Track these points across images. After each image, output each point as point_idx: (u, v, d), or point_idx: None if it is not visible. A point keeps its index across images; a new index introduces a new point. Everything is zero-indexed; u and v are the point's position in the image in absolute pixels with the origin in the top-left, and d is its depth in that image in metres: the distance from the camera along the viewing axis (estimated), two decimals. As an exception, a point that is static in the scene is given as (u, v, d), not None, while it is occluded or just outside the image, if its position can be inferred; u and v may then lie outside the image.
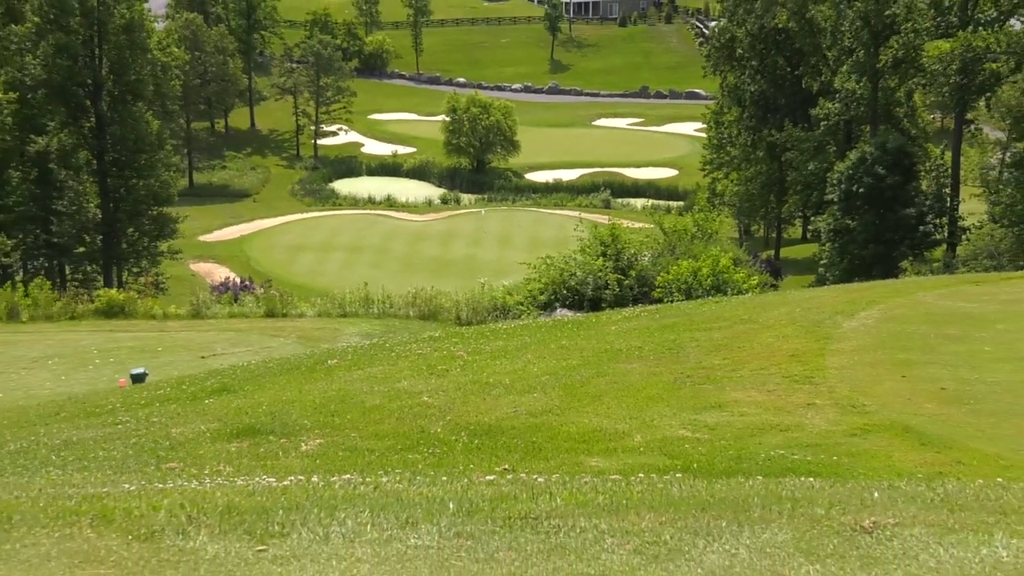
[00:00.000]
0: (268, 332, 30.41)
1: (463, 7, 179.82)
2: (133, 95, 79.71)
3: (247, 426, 11.96)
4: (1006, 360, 13.21)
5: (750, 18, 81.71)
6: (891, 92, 71.29)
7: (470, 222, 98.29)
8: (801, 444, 10.54)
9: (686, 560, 5.32)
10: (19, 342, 27.67)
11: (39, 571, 5.27)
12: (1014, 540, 5.44)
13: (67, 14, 77.59)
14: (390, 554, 5.42)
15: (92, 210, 77.99)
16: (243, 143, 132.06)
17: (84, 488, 7.02)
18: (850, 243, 65.28)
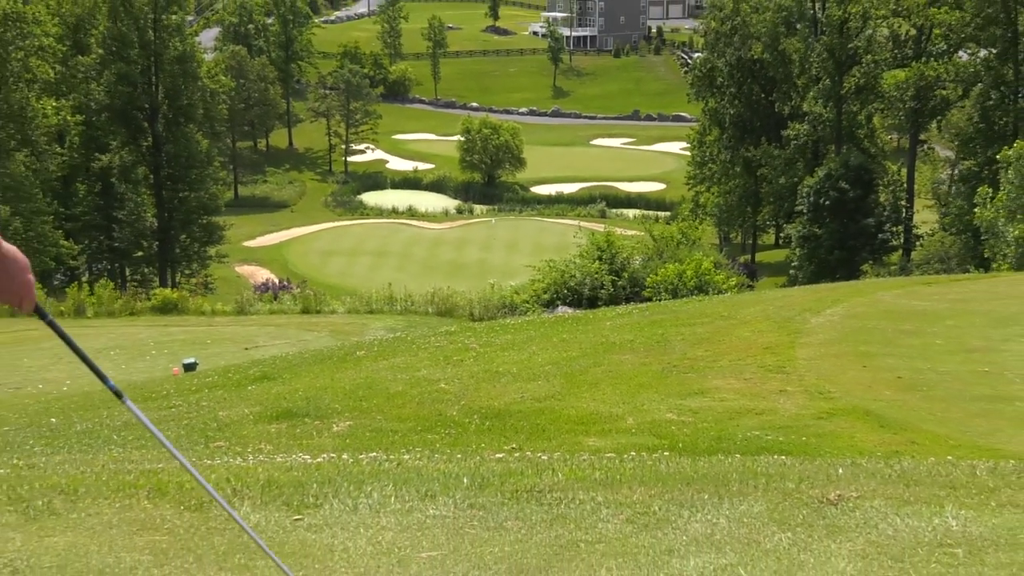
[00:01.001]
0: (304, 327, 30.40)
1: (476, 40, 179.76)
2: (185, 118, 79.82)
3: (285, 410, 11.95)
4: (955, 352, 13.19)
5: (729, 50, 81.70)
6: (853, 115, 71.30)
7: (482, 230, 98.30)
8: (774, 426, 10.52)
9: (673, 528, 5.32)
10: (85, 335, 27.67)
11: (102, 537, 5.26)
12: (962, 511, 5.44)
13: (127, 47, 77.72)
14: (411, 523, 5.42)
15: (149, 219, 78.03)
16: (282, 160, 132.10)
17: (142, 464, 7.02)
18: (817, 248, 65.32)
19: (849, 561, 4.91)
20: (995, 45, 61.64)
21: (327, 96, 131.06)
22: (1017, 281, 20.50)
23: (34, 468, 7.23)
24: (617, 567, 4.87)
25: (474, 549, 5.09)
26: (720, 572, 4.81)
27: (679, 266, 35.33)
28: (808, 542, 5.13)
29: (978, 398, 11.36)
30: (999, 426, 10.43)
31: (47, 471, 6.84)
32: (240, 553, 4.99)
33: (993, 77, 61.56)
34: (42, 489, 5.92)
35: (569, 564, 4.92)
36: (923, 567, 4.83)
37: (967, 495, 5.70)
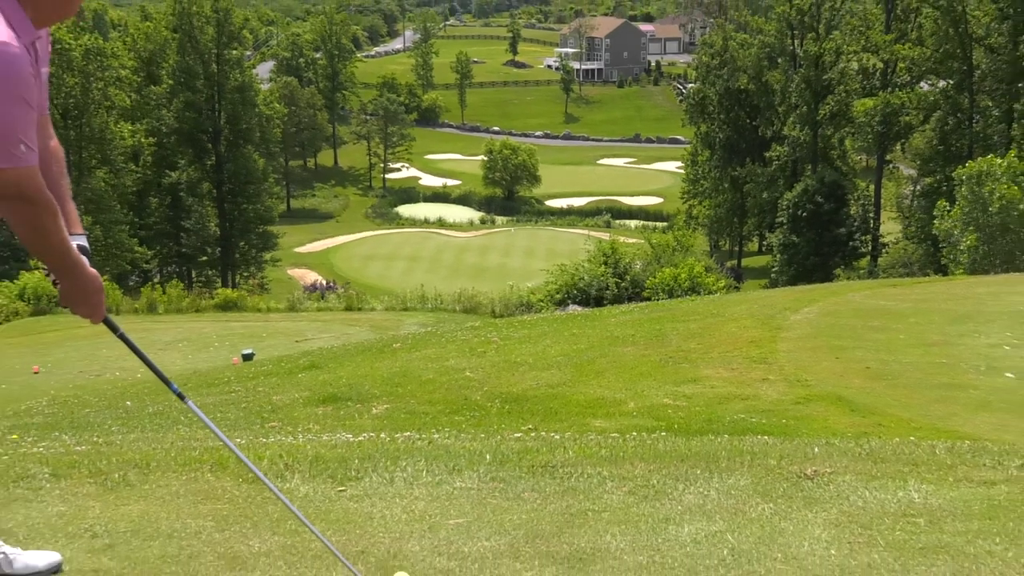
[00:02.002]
0: (347, 322, 30.45)
1: (498, 73, 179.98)
2: (244, 140, 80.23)
3: (330, 394, 11.97)
4: (916, 346, 13.16)
5: (718, 81, 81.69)
6: (827, 138, 71.22)
7: (502, 238, 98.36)
8: (758, 410, 10.51)
9: (669, 499, 5.31)
10: (156, 329, 27.78)
11: (170, 505, 5.28)
12: (923, 485, 5.43)
13: (194, 78, 78.20)
14: (440, 494, 5.42)
15: (212, 228, 78.44)
16: (328, 177, 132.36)
17: (205, 442, 7.03)
18: (796, 255, 65.23)
19: (824, 529, 4.91)
20: (952, 77, 61.57)
21: (368, 121, 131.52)
22: (971, 284, 20.43)
23: (111, 445, 7.25)
24: (620, 533, 4.87)
25: (495, 517, 5.10)
26: (711, 538, 4.81)
27: (675, 270, 35.31)
28: (788, 512, 5.13)
29: (937, 386, 11.34)
30: (955, 411, 10.41)
31: (123, 447, 6.85)
32: (291, 520, 5.01)
33: (951, 105, 61.49)
34: (118, 463, 5.94)
35: (579, 530, 4.92)
36: (889, 534, 4.83)
37: (927, 471, 5.68)
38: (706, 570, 4.49)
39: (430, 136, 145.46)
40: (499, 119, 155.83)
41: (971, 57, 60.41)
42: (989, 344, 13.13)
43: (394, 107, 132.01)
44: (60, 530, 4.93)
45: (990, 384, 11.32)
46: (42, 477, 5.67)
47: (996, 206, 39.23)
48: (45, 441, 8.05)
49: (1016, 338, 13.37)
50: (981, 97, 60.70)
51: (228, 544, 4.78)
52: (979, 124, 60.42)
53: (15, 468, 5.73)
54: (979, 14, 60.02)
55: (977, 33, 60.11)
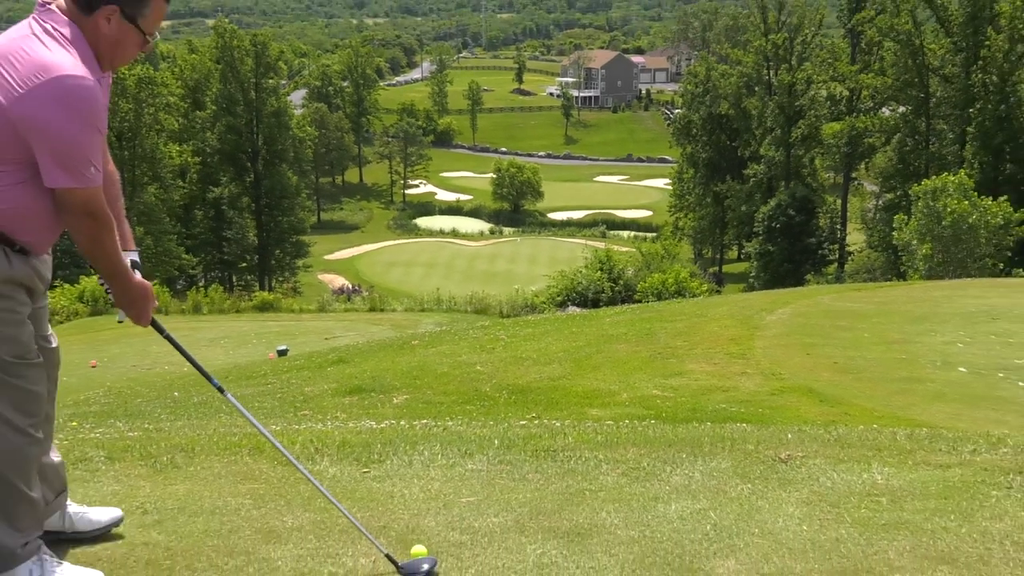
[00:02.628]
0: (371, 322, 30.46)
1: (505, 99, 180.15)
2: (279, 159, 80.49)
3: (356, 386, 11.96)
4: (878, 343, 13.15)
5: (702, 107, 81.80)
6: (799, 158, 71.23)
7: (509, 247, 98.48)
8: (737, 400, 10.49)
9: (658, 480, 5.30)
10: (200, 328, 27.81)
11: (213, 485, 5.27)
12: (885, 468, 5.42)
13: (234, 104, 78.44)
14: (454, 475, 5.42)
15: (251, 238, 78.63)
16: (354, 192, 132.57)
17: (244, 428, 7.02)
18: (770, 262, 65.31)
19: (796, 507, 4.90)
20: (911, 103, 61.65)
21: (389, 143, 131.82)
22: (927, 288, 20.41)
23: (160, 431, 7.26)
24: (615, 511, 4.87)
25: (503, 496, 5.09)
26: (695, 515, 4.81)
27: (663, 275, 35.33)
28: (764, 491, 5.12)
29: (897, 379, 11.33)
30: (914, 401, 10.41)
31: (170, 433, 6.86)
32: (320, 498, 5.00)
33: (909, 128, 61.56)
34: (166, 447, 5.94)
35: (577, 508, 4.92)
36: (855, 512, 4.82)
37: (889, 455, 5.68)
38: (691, 544, 4.48)
39: (445, 156, 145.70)
40: (506, 141, 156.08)
41: (927, 85, 60.48)
42: (944, 342, 13.11)
43: (413, 130, 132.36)
44: (114, 507, 4.93)
45: (945, 378, 11.32)
46: (98, 460, 5.68)
47: (949, 219, 39.29)
48: (101, 428, 8.06)
49: (968, 336, 13.36)
50: (936, 121, 60.74)
51: (264, 520, 4.78)
52: (935, 145, 60.45)
53: (74, 452, 5.74)
54: (935, 47, 60.09)
55: (933, 64, 60.17)
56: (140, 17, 3.74)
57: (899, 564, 4.29)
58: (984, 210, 39.48)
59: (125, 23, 3.72)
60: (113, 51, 3.77)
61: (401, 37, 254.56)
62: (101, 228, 3.77)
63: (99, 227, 3.76)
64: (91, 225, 3.74)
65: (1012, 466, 5.43)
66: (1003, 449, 5.79)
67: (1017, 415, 9.68)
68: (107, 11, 3.68)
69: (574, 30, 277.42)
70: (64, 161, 3.57)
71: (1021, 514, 4.80)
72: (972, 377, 11.30)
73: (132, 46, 3.80)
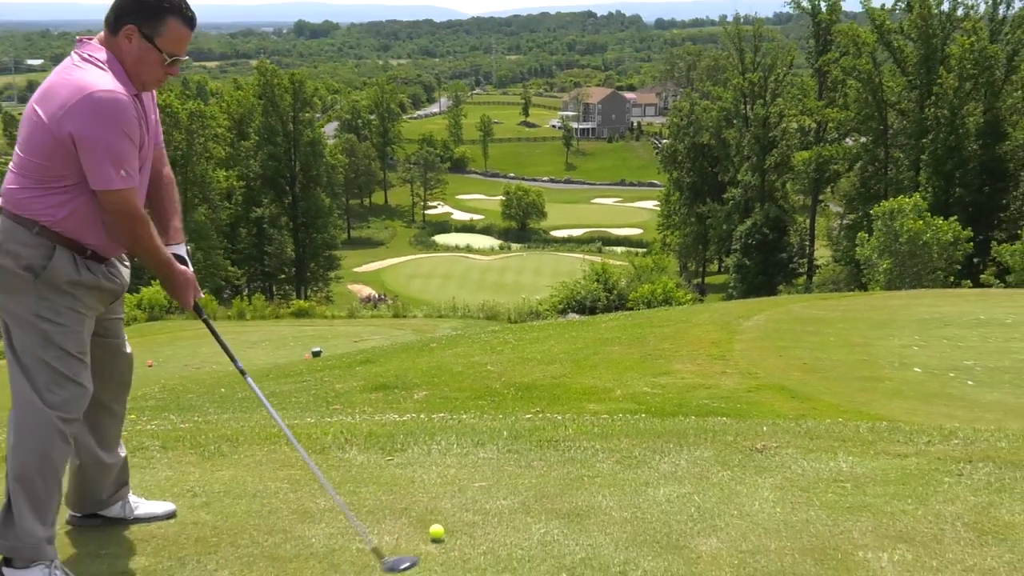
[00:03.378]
0: (394, 326, 30.47)
1: (513, 131, 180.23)
2: (314, 183, 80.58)
3: (381, 383, 11.95)
4: (843, 346, 13.11)
5: (686, 138, 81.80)
6: (772, 183, 71.18)
7: (517, 261, 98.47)
8: (718, 397, 10.46)
9: (648, 467, 5.29)
10: (244, 332, 27.85)
11: (255, 471, 5.28)
12: (850, 457, 5.42)
13: (275, 135, 78.65)
14: (467, 462, 5.41)
15: (289, 252, 78.69)
16: (380, 212, 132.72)
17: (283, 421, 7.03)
18: (747, 274, 65.22)
19: (771, 491, 4.89)
20: (871, 134, 61.62)
21: (411, 169, 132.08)
22: (886, 297, 20.36)
23: (208, 423, 7.26)
24: (610, 494, 4.87)
25: (511, 481, 5.09)
26: (681, 498, 4.80)
27: (652, 286, 35.32)
28: (742, 477, 5.11)
29: (859, 378, 11.29)
30: (874, 398, 10.37)
31: (218, 425, 6.86)
32: (350, 483, 5.00)
33: (870, 156, 61.54)
34: (214, 437, 5.95)
35: (576, 492, 4.91)
36: (823, 495, 4.81)
37: (853, 446, 5.66)
38: (678, 524, 4.48)
39: (460, 181, 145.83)
40: (514, 167, 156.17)
41: (886, 118, 60.48)
42: (901, 345, 13.07)
43: (431, 158, 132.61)
44: (167, 491, 4.94)
45: (902, 377, 11.28)
46: (154, 449, 5.69)
47: (905, 237, 39.35)
48: (156, 420, 8.07)
49: (922, 340, 13.32)
50: (894, 150, 60.71)
51: (300, 502, 4.78)
52: (892, 171, 60.39)
53: (132, 441, 5.74)
54: (892, 84, 60.14)
55: (890, 100, 60.19)
56: (157, 36, 3.75)
57: (862, 543, 4.28)
58: (936, 229, 39.57)
59: (144, 42, 3.75)
60: (137, 69, 3.78)
61: (421, 76, 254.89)
62: (137, 224, 3.83)
63: (134, 223, 3.82)
64: (128, 223, 3.80)
65: (962, 456, 5.42)
66: (954, 440, 5.78)
67: (966, 410, 9.65)
68: (127, 30, 3.74)
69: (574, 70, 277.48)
70: (102, 164, 3.64)
71: (971, 498, 4.78)
72: (926, 376, 11.27)
73: (153, 64, 3.80)
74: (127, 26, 3.73)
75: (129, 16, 3.74)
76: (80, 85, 3.60)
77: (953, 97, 55.49)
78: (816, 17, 68.47)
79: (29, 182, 3.72)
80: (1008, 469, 5.18)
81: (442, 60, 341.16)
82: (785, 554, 4.17)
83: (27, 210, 3.72)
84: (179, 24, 3.78)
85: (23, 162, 3.74)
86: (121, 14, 3.74)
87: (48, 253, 3.74)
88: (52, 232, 3.74)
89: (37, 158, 3.69)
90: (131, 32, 3.73)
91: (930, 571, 4.01)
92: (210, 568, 4.08)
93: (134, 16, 3.73)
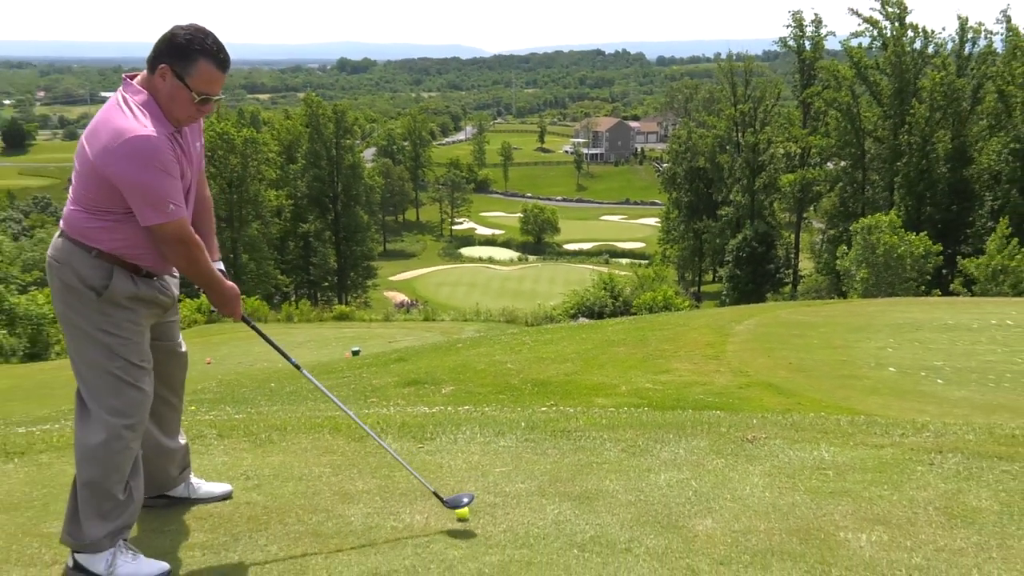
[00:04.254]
0: (424, 328, 30.51)
1: (530, 155, 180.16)
2: (354, 202, 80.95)
3: (413, 379, 11.96)
4: (825, 348, 13.04)
5: (684, 162, 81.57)
6: (761, 202, 70.86)
7: (533, 271, 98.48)
8: (713, 392, 10.42)
9: (651, 455, 5.27)
10: (292, 333, 27.93)
11: (301, 457, 5.29)
12: (831, 447, 5.38)
13: (319, 159, 79.13)
14: (489, 450, 5.40)
15: (331, 263, 78.98)
16: (412, 228, 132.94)
17: (325, 412, 7.04)
18: (738, 284, 64.93)
19: (760, 477, 4.86)
20: (850, 159, 61.48)
21: (440, 189, 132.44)
22: (863, 304, 20.24)
23: (260, 414, 7.28)
24: (616, 479, 4.85)
25: (528, 467, 5.08)
26: (680, 483, 4.78)
27: (653, 293, 35.34)
28: (734, 465, 5.08)
29: (839, 376, 11.23)
30: (852, 394, 10.30)
31: (268, 416, 6.88)
32: (385, 468, 5.00)
33: (848, 179, 61.33)
34: (264, 427, 5.96)
35: (586, 477, 4.89)
36: (807, 481, 4.79)
37: (834, 437, 5.62)
38: (677, 506, 4.46)
39: (483, 200, 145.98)
40: (531, 188, 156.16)
41: (863, 145, 60.28)
42: (877, 347, 13.00)
43: (458, 179, 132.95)
44: (223, 474, 4.96)
45: (878, 376, 11.21)
46: (211, 436, 5.71)
47: (881, 250, 39.25)
48: (214, 411, 8.11)
49: (896, 343, 13.23)
50: (870, 173, 60.50)
51: (340, 484, 4.79)
52: (869, 192, 60.18)
53: (192, 430, 5.76)
54: (869, 114, 59.97)
55: (867, 128, 59.98)
56: (188, 76, 3.66)
57: (843, 524, 4.25)
58: (909, 243, 39.56)
59: (176, 81, 3.66)
60: (170, 106, 3.69)
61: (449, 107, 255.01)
62: (192, 249, 3.77)
63: (189, 249, 3.76)
64: (183, 249, 3.75)
65: (933, 447, 5.38)
66: (925, 433, 5.73)
67: (936, 406, 9.57)
68: (161, 69, 3.66)
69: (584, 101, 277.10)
70: (148, 203, 3.58)
71: (941, 485, 4.75)
72: (899, 375, 11.19)
73: (184, 102, 3.69)
74: (161, 65, 3.67)
75: (163, 56, 3.66)
76: (119, 130, 3.54)
77: (924, 125, 55.44)
78: (801, 54, 68.40)
79: (83, 210, 3.68)
80: (975, 459, 5.13)
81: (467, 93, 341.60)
82: (773, 534, 4.15)
83: (84, 235, 3.69)
84: (210, 66, 3.68)
85: (77, 191, 3.70)
86: (157, 54, 3.67)
87: (108, 274, 3.70)
88: (109, 255, 3.71)
89: (87, 191, 3.65)
90: (165, 71, 3.66)
91: (904, 551, 3.98)
92: (261, 543, 4.10)
93: (167, 56, 3.65)
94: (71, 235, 3.72)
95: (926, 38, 59.11)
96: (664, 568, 3.85)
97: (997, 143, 54.43)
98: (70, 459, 5.23)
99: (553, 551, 3.99)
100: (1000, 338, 13.49)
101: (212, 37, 3.70)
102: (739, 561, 3.90)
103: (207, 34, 3.70)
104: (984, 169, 54.99)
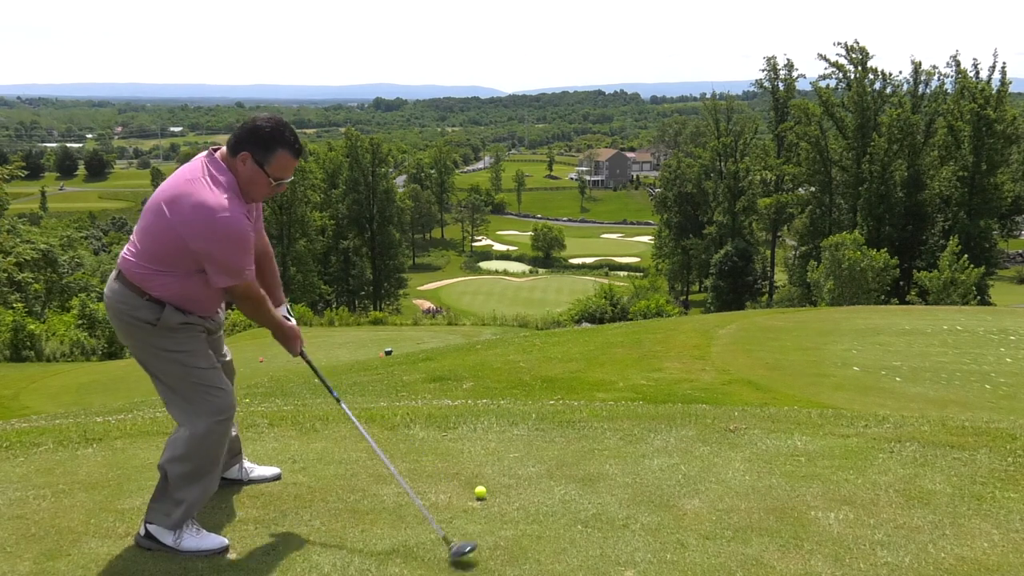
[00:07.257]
0: (448, 332, 30.50)
1: (540, 181, 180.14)
2: (388, 222, 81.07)
3: (438, 376, 11.94)
4: (797, 350, 12.97)
5: (674, 187, 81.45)
6: (741, 222, 70.73)
7: (543, 282, 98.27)
8: (699, 388, 10.37)
9: (645, 443, 5.24)
10: (333, 336, 27.97)
11: (340, 443, 5.31)
12: (804, 437, 5.34)
13: (358, 185, 79.35)
14: (504, 438, 5.39)
15: (368, 275, 79.13)
16: (438, 244, 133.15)
17: (362, 405, 7.04)
18: (721, 293, 64.80)
19: (741, 463, 4.83)
20: (818, 185, 61.38)
21: (462, 211, 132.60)
22: (831, 312, 20.09)
23: (306, 406, 7.29)
24: (615, 464, 4.82)
25: (538, 453, 5.06)
26: (671, 468, 4.75)
27: (647, 302, 35.24)
28: (718, 452, 5.05)
29: (810, 375, 11.15)
30: (822, 391, 10.23)
31: (313, 407, 6.89)
32: (414, 453, 5.00)
33: (817, 202, 61.17)
34: (310, 417, 5.97)
35: (589, 461, 4.87)
36: (782, 466, 4.75)
37: (806, 428, 5.58)
38: (668, 488, 4.43)
39: (499, 220, 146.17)
40: (541, 210, 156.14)
41: (830, 172, 60.17)
42: (843, 349, 12.90)
43: (477, 203, 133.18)
44: (273, 458, 4.95)
45: (843, 374, 11.13)
46: (263, 425, 5.71)
47: (846, 264, 39.11)
48: (265, 403, 8.12)
49: (860, 346, 13.13)
50: (836, 197, 60.34)
51: (375, 468, 4.78)
52: (835, 214, 59.98)
53: (246, 420, 5.78)
54: (835, 146, 59.96)
55: (834, 158, 59.92)
56: (267, 163, 3.60)
57: (814, 504, 4.22)
58: (870, 258, 39.44)
59: (256, 167, 3.59)
60: (248, 187, 3.62)
61: (470, 140, 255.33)
62: (259, 303, 3.79)
63: (256, 303, 3.78)
64: (251, 303, 3.77)
65: (893, 436, 5.33)
66: (886, 425, 5.68)
67: (895, 401, 9.50)
68: (243, 155, 3.58)
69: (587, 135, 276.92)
70: (225, 271, 3.56)
71: (900, 470, 4.70)
72: (863, 374, 11.11)
73: (262, 186, 3.63)
74: (243, 152, 3.58)
75: (245, 144, 3.58)
76: (207, 206, 3.44)
77: (883, 156, 55.45)
78: (775, 94, 68.52)
79: (146, 263, 3.58)
80: (930, 448, 5.09)
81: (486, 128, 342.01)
82: (753, 512, 4.12)
83: (142, 283, 3.61)
84: (287, 155, 3.62)
85: (144, 244, 3.58)
86: (239, 141, 3.59)
87: (159, 311, 3.64)
88: (159, 299, 3.64)
89: (156, 247, 3.54)
90: (246, 157, 3.57)
91: (868, 528, 3.95)
92: (305, 519, 4.10)
93: (249, 144, 3.58)
94: (127, 278, 3.65)
95: (885, 80, 59.13)
96: (657, 542, 3.83)
97: (947, 171, 54.42)
98: (142, 445, 5.26)
99: (560, 527, 3.97)
100: (951, 342, 13.39)
101: (289, 129, 3.66)
102: (723, 536, 3.88)
103: (285, 126, 3.64)
104: (936, 194, 54.97)
